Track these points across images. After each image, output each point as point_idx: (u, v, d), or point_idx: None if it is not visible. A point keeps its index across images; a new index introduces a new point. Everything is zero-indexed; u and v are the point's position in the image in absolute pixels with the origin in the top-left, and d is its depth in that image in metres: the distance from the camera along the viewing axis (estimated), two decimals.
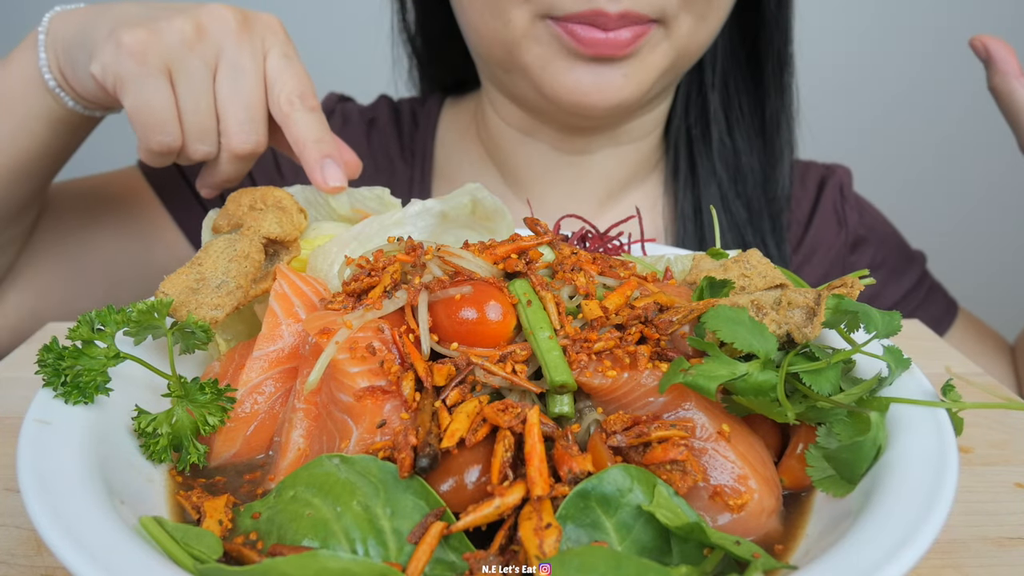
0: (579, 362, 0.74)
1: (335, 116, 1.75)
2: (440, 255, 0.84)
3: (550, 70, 1.37)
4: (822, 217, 1.74)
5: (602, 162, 1.61)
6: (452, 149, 1.73)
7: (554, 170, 1.61)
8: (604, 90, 1.36)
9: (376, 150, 1.73)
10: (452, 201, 0.99)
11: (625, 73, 1.36)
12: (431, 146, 1.73)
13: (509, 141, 1.62)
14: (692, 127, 1.64)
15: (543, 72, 1.38)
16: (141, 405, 0.78)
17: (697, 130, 1.64)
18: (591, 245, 1.14)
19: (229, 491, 0.76)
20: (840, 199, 1.77)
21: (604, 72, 1.35)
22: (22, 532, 0.79)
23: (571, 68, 1.36)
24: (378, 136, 1.75)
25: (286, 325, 0.85)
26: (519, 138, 1.60)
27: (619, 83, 1.36)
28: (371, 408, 0.73)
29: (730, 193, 1.62)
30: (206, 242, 0.94)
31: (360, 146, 1.71)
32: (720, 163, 1.62)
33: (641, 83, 1.38)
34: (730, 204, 1.62)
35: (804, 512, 0.73)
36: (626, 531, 0.64)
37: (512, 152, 1.62)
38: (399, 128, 1.76)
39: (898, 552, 0.56)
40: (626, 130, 1.58)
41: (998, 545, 0.81)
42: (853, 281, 0.82)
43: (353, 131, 1.73)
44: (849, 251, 1.75)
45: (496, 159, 1.67)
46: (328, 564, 0.57)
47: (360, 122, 1.75)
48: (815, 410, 0.74)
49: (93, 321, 0.77)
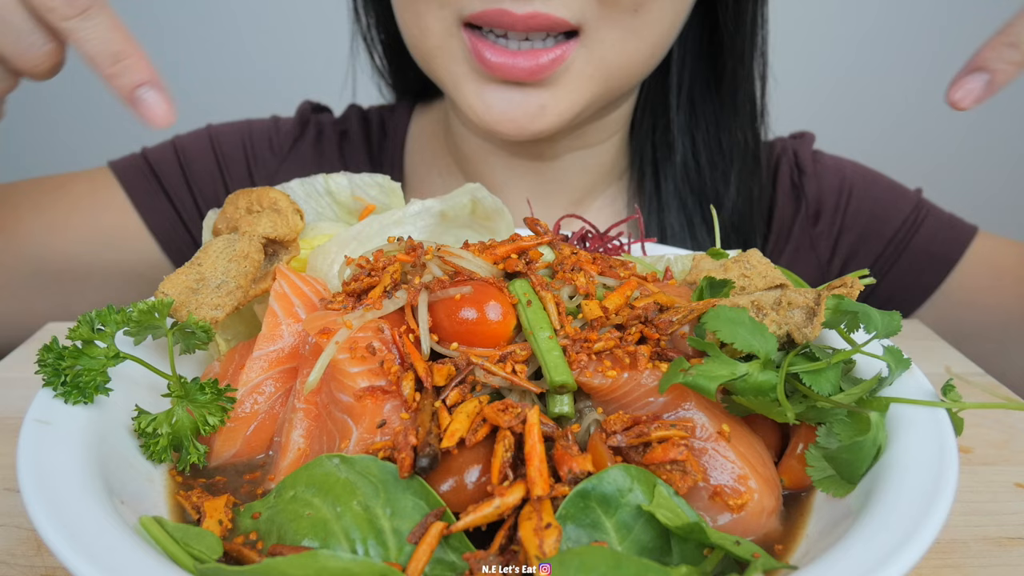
0: (579, 362, 0.74)
1: (309, 127, 1.70)
2: (440, 255, 0.84)
3: (463, 90, 1.29)
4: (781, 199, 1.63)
5: (564, 167, 1.55)
6: (420, 158, 1.68)
7: (517, 177, 1.56)
8: (517, 119, 1.27)
9: (349, 162, 1.69)
10: (452, 201, 0.99)
11: (542, 104, 1.26)
12: (400, 156, 1.68)
13: (472, 148, 1.56)
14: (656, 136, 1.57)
15: (457, 91, 1.31)
16: (141, 405, 0.78)
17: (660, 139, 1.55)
18: (591, 245, 1.14)
19: (229, 491, 0.76)
20: (796, 172, 1.64)
21: (516, 99, 1.26)
22: (22, 532, 0.79)
23: (481, 91, 1.27)
24: (349, 148, 1.70)
25: (286, 325, 0.85)
26: (481, 145, 1.54)
27: (534, 112, 1.26)
28: (371, 408, 0.73)
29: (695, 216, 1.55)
30: (205, 242, 0.95)
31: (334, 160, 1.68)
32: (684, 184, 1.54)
33: (562, 113, 1.28)
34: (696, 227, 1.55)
35: (804, 512, 0.73)
36: (626, 531, 0.64)
37: (476, 160, 1.57)
38: (368, 139, 1.71)
39: (898, 552, 0.56)
40: (587, 132, 1.50)
41: (998, 545, 0.81)
42: (853, 281, 0.82)
43: (327, 144, 1.69)
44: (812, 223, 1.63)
45: (463, 167, 1.62)
46: (328, 564, 0.57)
47: (333, 134, 1.70)
48: (815, 410, 0.74)
49: (93, 321, 0.77)
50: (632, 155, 1.63)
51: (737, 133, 1.53)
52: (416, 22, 1.29)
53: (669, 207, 1.55)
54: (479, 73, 1.27)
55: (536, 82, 1.25)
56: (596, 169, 1.59)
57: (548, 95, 1.27)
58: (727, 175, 1.54)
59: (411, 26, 1.32)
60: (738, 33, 1.46)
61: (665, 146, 1.55)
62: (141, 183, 1.57)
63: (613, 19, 1.22)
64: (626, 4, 1.21)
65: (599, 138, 1.54)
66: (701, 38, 1.49)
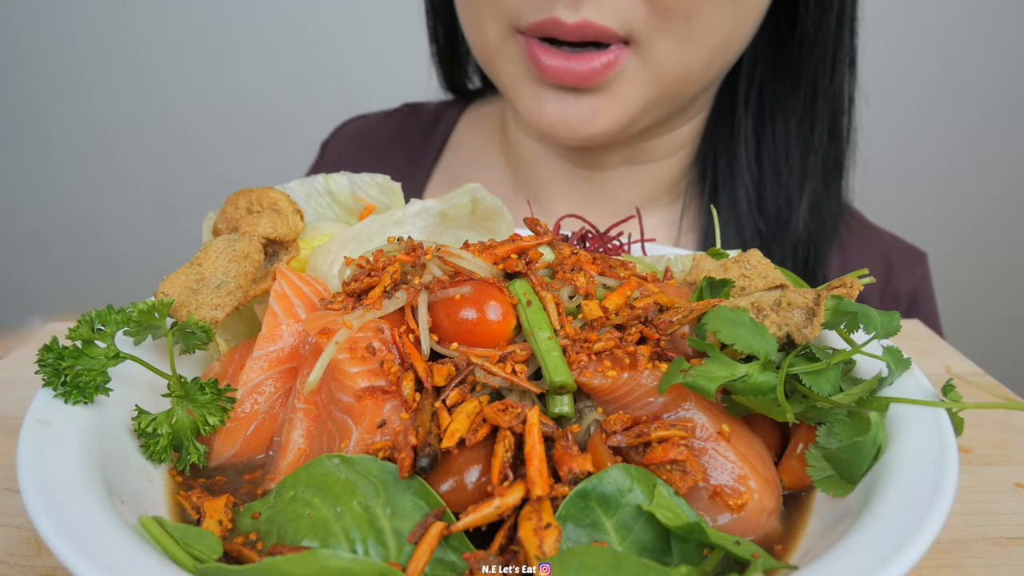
0: (579, 362, 0.74)
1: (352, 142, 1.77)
2: (440, 255, 0.84)
3: (520, 92, 1.32)
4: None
5: (616, 180, 1.54)
6: (467, 148, 1.70)
7: (566, 182, 1.56)
8: (570, 122, 1.29)
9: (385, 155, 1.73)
10: (452, 201, 0.99)
11: (594, 109, 1.28)
12: (440, 143, 1.71)
13: (524, 149, 1.58)
14: (719, 152, 1.52)
15: (515, 93, 1.34)
16: (141, 405, 0.78)
17: (724, 144, 1.51)
18: (591, 245, 1.14)
19: (229, 491, 0.76)
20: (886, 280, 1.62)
21: (570, 102, 1.28)
22: (22, 532, 0.79)
23: (537, 94, 1.30)
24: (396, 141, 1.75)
25: (286, 325, 0.85)
26: (534, 147, 1.56)
27: (586, 116, 1.28)
28: (371, 408, 0.73)
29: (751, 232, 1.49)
30: (206, 242, 0.95)
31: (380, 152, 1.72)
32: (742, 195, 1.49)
33: (614, 118, 1.29)
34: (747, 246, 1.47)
35: (804, 512, 0.73)
36: (626, 531, 0.64)
37: (527, 160, 1.58)
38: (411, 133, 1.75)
39: (898, 552, 0.56)
40: (644, 149, 1.49)
41: (998, 545, 0.81)
42: (852, 281, 0.82)
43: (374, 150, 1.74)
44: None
45: (512, 165, 1.63)
46: (328, 563, 0.57)
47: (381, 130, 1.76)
48: (815, 410, 0.74)
49: (93, 321, 0.77)
50: (697, 175, 1.58)
51: (814, 146, 1.48)
52: (476, 25, 1.33)
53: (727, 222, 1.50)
54: (535, 76, 1.29)
55: (589, 87, 1.27)
56: (651, 186, 1.56)
57: (600, 101, 1.28)
58: (793, 191, 1.48)
59: (472, 30, 1.36)
60: (820, 32, 1.40)
61: (727, 151, 1.51)
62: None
63: (666, 27, 1.22)
64: (679, 12, 1.20)
65: (658, 155, 1.52)
66: (780, 34, 1.44)
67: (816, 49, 1.41)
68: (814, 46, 1.41)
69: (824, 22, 1.39)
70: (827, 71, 1.44)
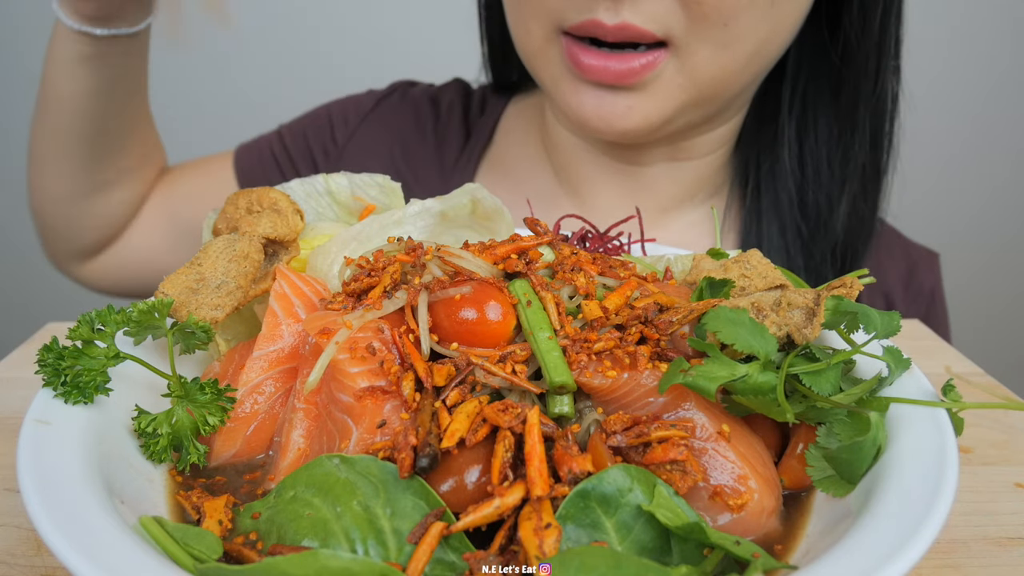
0: (579, 362, 0.74)
1: (396, 93, 1.82)
2: (440, 255, 0.84)
3: (561, 89, 1.38)
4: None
5: (657, 176, 1.57)
6: (512, 140, 1.74)
7: (606, 176, 1.59)
8: (606, 117, 1.34)
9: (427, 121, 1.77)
10: (452, 201, 0.99)
11: (630, 105, 1.33)
12: (490, 131, 1.76)
13: (565, 143, 1.61)
14: (760, 153, 1.55)
15: (555, 90, 1.39)
16: (141, 405, 0.78)
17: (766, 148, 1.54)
18: (591, 245, 1.14)
19: (229, 491, 0.76)
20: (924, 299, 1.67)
21: (608, 98, 1.33)
22: (22, 532, 0.79)
23: (576, 90, 1.35)
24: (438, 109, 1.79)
25: (286, 325, 0.85)
26: (574, 141, 1.59)
27: (621, 112, 1.33)
28: (371, 408, 0.73)
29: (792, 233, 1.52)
30: (206, 242, 0.95)
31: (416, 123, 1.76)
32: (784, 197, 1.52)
33: (649, 115, 1.34)
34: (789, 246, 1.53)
35: (804, 512, 0.73)
36: (626, 531, 0.64)
37: (567, 155, 1.62)
38: (467, 110, 1.79)
39: (898, 552, 0.56)
40: (684, 147, 1.53)
41: (998, 545, 0.81)
42: (852, 281, 0.82)
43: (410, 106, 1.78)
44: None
45: (553, 158, 1.67)
46: (328, 563, 0.57)
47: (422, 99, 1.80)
48: (815, 410, 0.74)
49: (93, 321, 0.77)
50: (734, 173, 1.62)
51: (854, 152, 1.50)
52: (522, 25, 1.38)
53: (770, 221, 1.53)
54: (574, 75, 1.34)
55: (626, 86, 1.31)
56: (690, 183, 1.59)
57: (636, 98, 1.33)
58: (833, 194, 1.52)
59: (519, 29, 1.41)
60: (863, 42, 1.42)
61: (770, 154, 1.54)
62: (245, 172, 1.75)
63: (703, 32, 1.25)
64: (715, 18, 1.23)
65: (698, 152, 1.55)
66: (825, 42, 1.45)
67: (858, 58, 1.43)
68: (856, 54, 1.43)
69: (867, 31, 1.41)
70: (869, 79, 1.46)
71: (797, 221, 1.53)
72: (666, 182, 1.58)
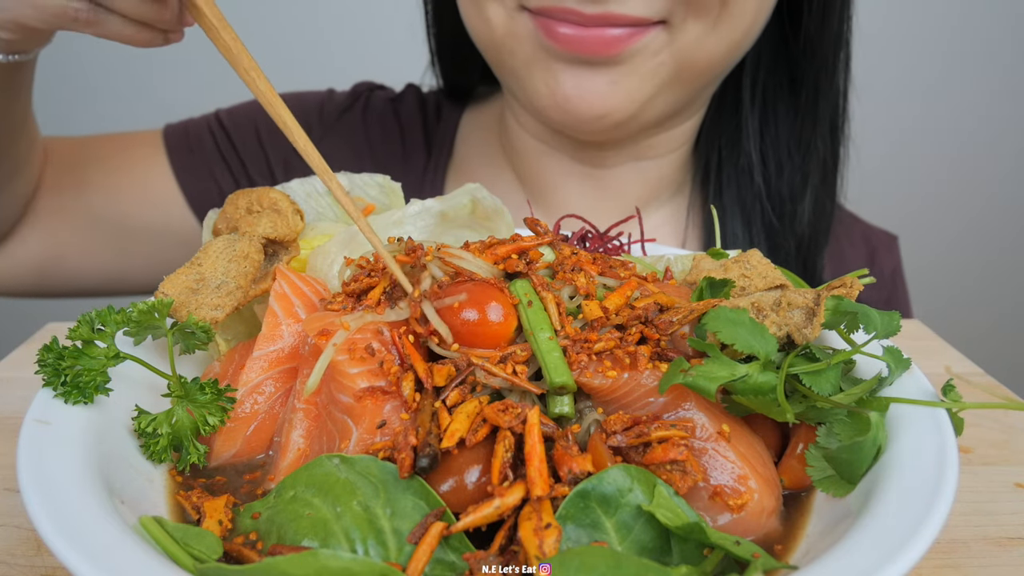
0: (579, 363, 0.74)
1: (360, 100, 1.72)
2: (440, 255, 0.84)
3: (533, 74, 1.28)
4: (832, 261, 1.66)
5: (621, 177, 1.54)
6: (472, 147, 1.69)
7: (572, 181, 1.55)
8: (587, 97, 1.24)
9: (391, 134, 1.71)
10: (452, 201, 0.99)
11: (612, 80, 1.23)
12: (451, 140, 1.70)
13: (527, 148, 1.56)
14: (723, 148, 1.54)
15: (528, 76, 1.29)
16: (141, 405, 0.78)
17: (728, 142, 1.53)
18: (591, 245, 1.14)
19: (229, 491, 0.76)
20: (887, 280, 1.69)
21: (586, 76, 1.23)
22: (22, 532, 0.79)
23: (551, 71, 1.25)
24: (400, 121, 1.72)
25: (286, 325, 0.85)
26: (537, 146, 1.54)
27: (603, 90, 1.24)
28: (371, 408, 0.73)
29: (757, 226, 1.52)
30: (206, 242, 0.95)
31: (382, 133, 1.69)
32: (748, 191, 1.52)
33: (631, 92, 1.25)
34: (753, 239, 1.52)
35: (804, 512, 0.73)
36: (626, 531, 0.64)
37: (530, 160, 1.57)
38: (424, 116, 1.72)
39: (898, 552, 0.56)
40: (648, 145, 1.49)
41: (998, 545, 0.81)
42: (852, 281, 0.82)
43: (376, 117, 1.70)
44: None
45: (515, 165, 1.62)
46: (328, 563, 0.57)
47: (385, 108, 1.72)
48: (815, 410, 0.74)
49: (93, 321, 0.77)
50: (695, 168, 1.61)
51: (816, 144, 1.50)
52: (478, 14, 1.28)
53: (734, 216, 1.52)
54: (549, 52, 1.23)
55: (609, 57, 1.21)
56: (656, 182, 1.57)
57: (618, 73, 1.23)
58: (796, 185, 1.52)
59: (474, 18, 1.30)
60: (823, 33, 1.41)
61: (732, 148, 1.53)
62: (182, 153, 1.61)
63: (700, 10, 1.20)
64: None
65: (662, 150, 1.53)
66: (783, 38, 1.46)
67: (819, 50, 1.43)
68: (817, 47, 1.43)
69: (827, 24, 1.41)
70: (828, 71, 1.46)
71: (762, 214, 1.52)
72: (631, 183, 1.55)
